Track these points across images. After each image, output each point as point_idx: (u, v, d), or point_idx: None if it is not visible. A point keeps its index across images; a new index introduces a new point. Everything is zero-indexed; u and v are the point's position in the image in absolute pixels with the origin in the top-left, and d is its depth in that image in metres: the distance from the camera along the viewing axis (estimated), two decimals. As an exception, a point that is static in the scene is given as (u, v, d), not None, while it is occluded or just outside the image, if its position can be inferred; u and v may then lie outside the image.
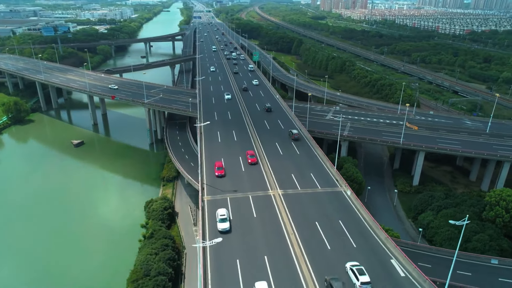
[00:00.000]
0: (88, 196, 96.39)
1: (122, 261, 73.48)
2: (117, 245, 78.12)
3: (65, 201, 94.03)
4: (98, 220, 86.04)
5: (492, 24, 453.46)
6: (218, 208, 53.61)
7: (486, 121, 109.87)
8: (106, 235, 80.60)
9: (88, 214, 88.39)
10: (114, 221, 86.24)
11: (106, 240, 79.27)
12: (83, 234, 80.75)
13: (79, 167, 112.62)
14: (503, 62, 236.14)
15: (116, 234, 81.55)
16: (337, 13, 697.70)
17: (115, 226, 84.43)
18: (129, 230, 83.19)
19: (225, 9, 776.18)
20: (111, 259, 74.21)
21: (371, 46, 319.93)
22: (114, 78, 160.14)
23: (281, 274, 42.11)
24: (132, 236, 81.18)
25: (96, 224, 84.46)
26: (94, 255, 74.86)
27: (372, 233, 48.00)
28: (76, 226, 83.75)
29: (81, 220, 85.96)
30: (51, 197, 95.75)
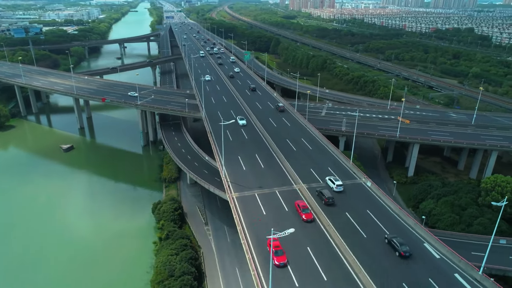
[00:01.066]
0: (89, 202, 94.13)
1: (137, 264, 72.87)
2: (129, 249, 77.00)
3: (66, 208, 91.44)
4: (105, 226, 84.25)
5: (454, 22, 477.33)
6: (250, 205, 54.59)
7: (468, 113, 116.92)
8: (115, 240, 79.17)
9: (93, 220, 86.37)
10: (121, 225, 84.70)
11: (117, 245, 77.89)
12: (92, 241, 78.89)
13: (73, 172, 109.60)
14: (470, 58, 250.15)
15: (126, 238, 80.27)
16: (307, 13, 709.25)
17: (123, 230, 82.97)
18: (138, 234, 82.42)
19: (194, 8, 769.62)
20: (125, 263, 73.11)
21: (345, 44, 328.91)
22: (99, 80, 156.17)
23: (330, 266, 43.75)
24: (143, 239, 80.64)
25: (103, 230, 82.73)
26: (107, 261, 73.46)
27: (401, 220, 50.81)
28: (83, 233, 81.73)
29: (86, 227, 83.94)
30: (51, 205, 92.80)
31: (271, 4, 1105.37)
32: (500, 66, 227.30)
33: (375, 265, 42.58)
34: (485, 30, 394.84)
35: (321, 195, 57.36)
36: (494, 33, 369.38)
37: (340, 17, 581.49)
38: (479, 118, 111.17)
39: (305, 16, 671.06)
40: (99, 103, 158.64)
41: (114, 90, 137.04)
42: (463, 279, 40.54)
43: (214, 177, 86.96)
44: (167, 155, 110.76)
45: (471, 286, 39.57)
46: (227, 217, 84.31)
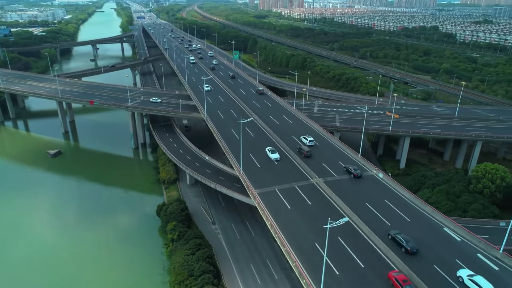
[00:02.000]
0: (88, 208, 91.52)
1: (148, 268, 72.32)
2: (137, 254, 76.05)
3: (66, 215, 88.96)
4: (107, 232, 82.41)
5: (419, 21, 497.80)
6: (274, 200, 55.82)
7: (450, 107, 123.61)
8: (121, 246, 77.93)
9: (94, 227, 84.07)
10: (124, 230, 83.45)
11: (123, 251, 76.75)
12: (96, 249, 77.02)
13: (65, 178, 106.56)
14: (440, 55, 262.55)
15: (131, 242, 79.14)
16: (277, 12, 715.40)
17: (127, 235, 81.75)
18: (144, 237, 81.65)
19: (163, 8, 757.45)
20: (135, 268, 72.13)
21: (319, 43, 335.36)
22: (83, 82, 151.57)
23: (363, 250, 45.83)
24: (150, 242, 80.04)
25: (106, 236, 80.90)
26: (115, 267, 72.21)
27: (418, 208, 53.80)
28: (86, 240, 79.66)
29: (89, 234, 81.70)
30: (49, 213, 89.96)
31: (240, 4, 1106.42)
32: (468, 62, 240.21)
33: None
34: (449, 28, 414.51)
35: (301, 150, 75.14)
36: (458, 31, 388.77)
37: (311, 17, 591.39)
38: (461, 111, 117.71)
39: (276, 15, 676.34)
40: (80, 106, 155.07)
41: (100, 92, 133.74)
42: (485, 258, 43.84)
43: (218, 176, 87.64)
44: (162, 157, 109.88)
45: (494, 264, 42.88)
46: (232, 216, 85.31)
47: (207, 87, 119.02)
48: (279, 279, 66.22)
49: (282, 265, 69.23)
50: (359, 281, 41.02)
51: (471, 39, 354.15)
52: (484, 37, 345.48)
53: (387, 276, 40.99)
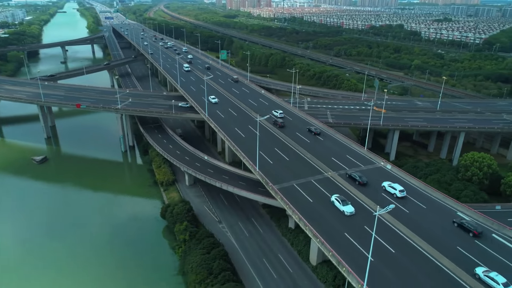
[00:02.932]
0: (89, 214, 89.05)
1: (160, 270, 71.84)
2: (145, 257, 75.21)
3: (66, 224, 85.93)
4: (112, 238, 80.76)
5: (385, 19, 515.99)
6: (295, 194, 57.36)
7: (431, 100, 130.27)
8: (128, 251, 76.68)
9: (99, 234, 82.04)
10: (129, 235, 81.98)
11: (131, 255, 75.64)
12: (105, 255, 75.45)
13: (56, 186, 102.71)
14: (410, 51, 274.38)
15: (137, 246, 78.09)
16: (246, 12, 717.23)
17: (132, 239, 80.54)
18: (150, 240, 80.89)
19: (130, 8, 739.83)
20: (146, 272, 71.34)
21: (292, 42, 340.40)
22: (63, 85, 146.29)
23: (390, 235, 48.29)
24: (156, 245, 79.37)
25: (113, 242, 79.29)
26: (127, 272, 70.90)
27: (429, 195, 57.13)
28: (93, 248, 77.70)
29: (95, 241, 79.66)
30: (48, 222, 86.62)
31: (207, 3, 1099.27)
32: (436, 58, 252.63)
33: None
34: (413, 26, 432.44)
35: (276, 122, 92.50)
36: (422, 29, 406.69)
37: (281, 16, 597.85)
38: (441, 105, 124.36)
39: (245, 15, 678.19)
40: (58, 110, 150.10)
41: (84, 95, 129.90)
42: (500, 238, 47.53)
43: (221, 175, 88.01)
44: (156, 158, 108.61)
45: (509, 242, 46.62)
46: (237, 214, 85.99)
47: (214, 99, 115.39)
48: (294, 272, 67.83)
49: (295, 259, 70.95)
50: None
51: (435, 37, 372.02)
52: (447, 34, 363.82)
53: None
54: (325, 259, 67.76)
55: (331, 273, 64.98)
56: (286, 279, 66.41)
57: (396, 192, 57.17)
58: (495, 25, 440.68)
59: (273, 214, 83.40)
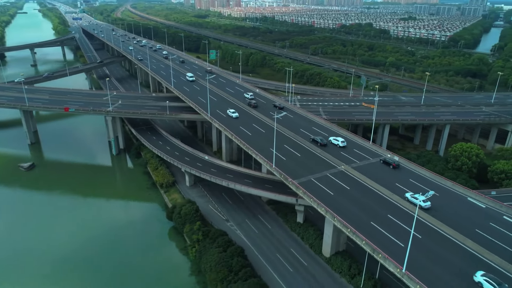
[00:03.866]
0: (91, 221, 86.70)
1: (174, 271, 71.68)
2: (157, 260, 74.57)
3: (69, 231, 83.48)
4: (120, 243, 79.27)
5: (354, 18, 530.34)
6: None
7: (414, 95, 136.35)
8: (138, 255, 75.59)
9: (107, 241, 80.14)
10: (134, 239, 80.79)
11: (142, 259, 74.75)
12: (115, 262, 74.08)
13: (51, 193, 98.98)
14: (383, 49, 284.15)
15: (146, 250, 77.03)
16: (217, 12, 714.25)
17: (138, 243, 79.53)
18: (157, 242, 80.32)
19: (96, 9, 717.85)
20: (161, 274, 70.85)
21: (268, 41, 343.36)
22: (47, 88, 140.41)
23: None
24: (166, 246, 79.07)
25: (120, 249, 77.91)
26: (141, 277, 70.07)
27: (439, 183, 60.56)
28: (101, 257, 76.03)
29: (104, 249, 77.93)
30: (49, 231, 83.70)
31: (174, 3, 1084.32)
32: (408, 55, 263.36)
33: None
34: (382, 24, 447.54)
35: (250, 104, 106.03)
36: (390, 27, 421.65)
37: (252, 16, 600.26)
38: (424, 99, 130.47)
39: (216, 15, 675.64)
40: (37, 115, 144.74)
41: (69, 98, 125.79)
42: (510, 219, 51.42)
43: (225, 174, 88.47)
44: (152, 160, 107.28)
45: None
46: (243, 212, 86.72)
47: (235, 113, 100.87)
48: (308, 265, 69.62)
49: (308, 252, 72.78)
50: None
51: (403, 35, 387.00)
52: (415, 32, 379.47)
53: None
54: (338, 251, 70.49)
55: (346, 263, 67.49)
56: (302, 272, 68.07)
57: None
58: (457, 23, 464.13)
59: (279, 210, 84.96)
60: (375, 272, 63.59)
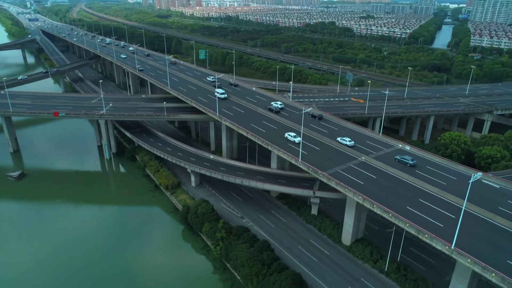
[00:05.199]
0: (102, 230, 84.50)
1: (198, 271, 71.91)
2: (178, 262, 74.55)
3: (84, 240, 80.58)
4: (136, 249, 77.68)
5: (317, 17, 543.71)
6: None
7: (397, 90, 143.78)
8: (158, 259, 74.79)
9: (122, 248, 78.34)
10: (149, 243, 79.67)
11: (163, 263, 74.32)
12: (135, 269, 72.73)
13: (50, 203, 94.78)
14: (351, 47, 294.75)
15: (162, 253, 76.61)
16: (179, 11, 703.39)
17: (154, 247, 78.69)
18: (173, 244, 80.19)
19: (50, 9, 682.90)
20: (187, 275, 70.73)
21: (238, 41, 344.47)
22: (28, 93, 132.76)
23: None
24: (183, 247, 78.97)
25: (136, 255, 76.43)
26: (169, 280, 69.67)
27: (452, 168, 65.56)
28: (116, 264, 74.48)
29: (119, 256, 76.36)
30: (65, 244, 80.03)
31: (131, 3, 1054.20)
32: (376, 52, 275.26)
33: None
34: (344, 23, 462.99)
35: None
36: (352, 25, 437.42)
37: (215, 15, 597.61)
38: (407, 93, 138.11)
39: (178, 15, 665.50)
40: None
41: (54, 102, 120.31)
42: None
43: (236, 172, 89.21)
44: (151, 163, 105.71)
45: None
46: (255, 208, 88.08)
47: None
48: (331, 254, 72.42)
49: (327, 242, 75.57)
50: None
51: (366, 32, 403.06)
52: (377, 30, 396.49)
53: None
54: (357, 238, 73.90)
55: (367, 249, 71.09)
56: (326, 261, 70.74)
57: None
58: (413, 21, 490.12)
59: (291, 204, 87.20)
60: (396, 256, 67.64)
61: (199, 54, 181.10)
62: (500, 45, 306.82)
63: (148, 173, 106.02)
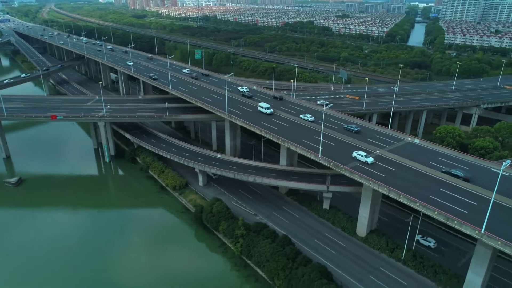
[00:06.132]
0: (115, 234, 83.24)
1: (218, 270, 72.42)
2: (196, 263, 74.66)
3: (98, 249, 79.24)
4: (152, 251, 77.44)
5: (294, 17, 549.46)
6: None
7: (387, 86, 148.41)
8: (176, 260, 75.03)
9: (136, 251, 78.23)
10: (163, 246, 79.27)
11: (182, 263, 74.58)
12: (154, 274, 72.34)
13: (54, 209, 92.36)
14: (333, 45, 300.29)
15: (178, 255, 76.46)
16: (154, 11, 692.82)
17: (168, 250, 78.54)
18: (186, 244, 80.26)
19: (18, 9, 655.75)
20: (207, 274, 71.06)
21: (221, 40, 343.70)
22: (18, 97, 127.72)
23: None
24: (198, 247, 79.04)
25: (152, 258, 76.23)
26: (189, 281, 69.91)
27: (462, 158, 69.14)
28: (133, 271, 73.98)
29: (135, 261, 75.73)
30: (80, 250, 78.42)
31: (103, 3, 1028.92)
32: (358, 50, 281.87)
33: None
34: (322, 22, 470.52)
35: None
36: (330, 24, 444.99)
37: (193, 15, 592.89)
38: (398, 89, 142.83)
39: (154, 15, 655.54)
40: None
41: (50, 106, 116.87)
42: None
43: (247, 170, 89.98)
44: (154, 164, 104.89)
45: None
46: (266, 205, 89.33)
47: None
48: (347, 246, 74.67)
49: (342, 235, 77.77)
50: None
51: (344, 31, 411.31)
52: (355, 29, 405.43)
53: None
54: (371, 230, 76.47)
55: (383, 240, 73.77)
56: (344, 253, 72.92)
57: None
58: (388, 19, 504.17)
59: (302, 200, 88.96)
60: (411, 245, 70.69)
61: (195, 54, 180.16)
62: (473, 42, 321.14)
63: (152, 174, 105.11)
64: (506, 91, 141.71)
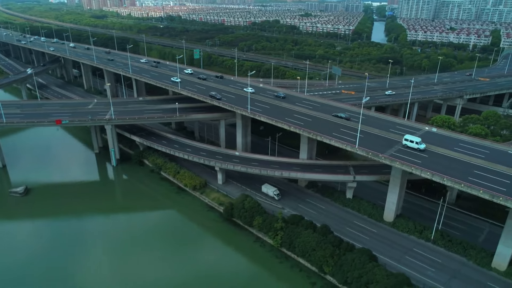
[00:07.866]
0: (145, 239, 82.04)
1: (262, 263, 74.27)
2: (236, 261, 75.98)
3: (128, 253, 77.97)
4: (187, 254, 77.98)
5: (260, 16, 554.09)
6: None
7: (377, 81, 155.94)
8: (213, 261, 75.76)
9: (173, 257, 78.48)
10: (199, 245, 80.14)
11: (221, 264, 75.71)
12: (197, 274, 72.93)
13: (69, 218, 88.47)
14: (307, 43, 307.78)
15: (219, 254, 77.45)
16: (114, 12, 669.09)
17: (204, 248, 79.55)
18: (225, 242, 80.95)
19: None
20: (252, 272, 72.87)
21: (192, 40, 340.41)
22: (14, 102, 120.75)
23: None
24: (234, 244, 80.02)
25: (192, 260, 76.83)
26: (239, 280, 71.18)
27: (479, 143, 75.86)
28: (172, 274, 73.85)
29: (172, 264, 75.73)
30: (118, 256, 76.53)
31: (55, 3, 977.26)
32: (332, 48, 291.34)
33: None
34: (288, 21, 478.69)
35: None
36: (296, 23, 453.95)
37: (156, 15, 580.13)
38: (383, 84, 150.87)
39: (114, 15, 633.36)
40: None
41: (51, 110, 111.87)
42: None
43: (270, 165, 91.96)
44: (167, 165, 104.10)
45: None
46: (290, 198, 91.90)
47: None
48: (378, 231, 79.17)
49: (369, 221, 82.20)
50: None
51: (312, 30, 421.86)
52: (322, 27, 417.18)
53: None
54: (398, 214, 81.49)
55: (410, 223, 79.06)
56: (376, 237, 77.31)
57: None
58: (351, 18, 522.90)
59: (324, 191, 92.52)
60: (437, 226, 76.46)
61: (194, 54, 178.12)
62: (433, 38, 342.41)
63: (166, 176, 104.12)
64: (482, 82, 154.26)
